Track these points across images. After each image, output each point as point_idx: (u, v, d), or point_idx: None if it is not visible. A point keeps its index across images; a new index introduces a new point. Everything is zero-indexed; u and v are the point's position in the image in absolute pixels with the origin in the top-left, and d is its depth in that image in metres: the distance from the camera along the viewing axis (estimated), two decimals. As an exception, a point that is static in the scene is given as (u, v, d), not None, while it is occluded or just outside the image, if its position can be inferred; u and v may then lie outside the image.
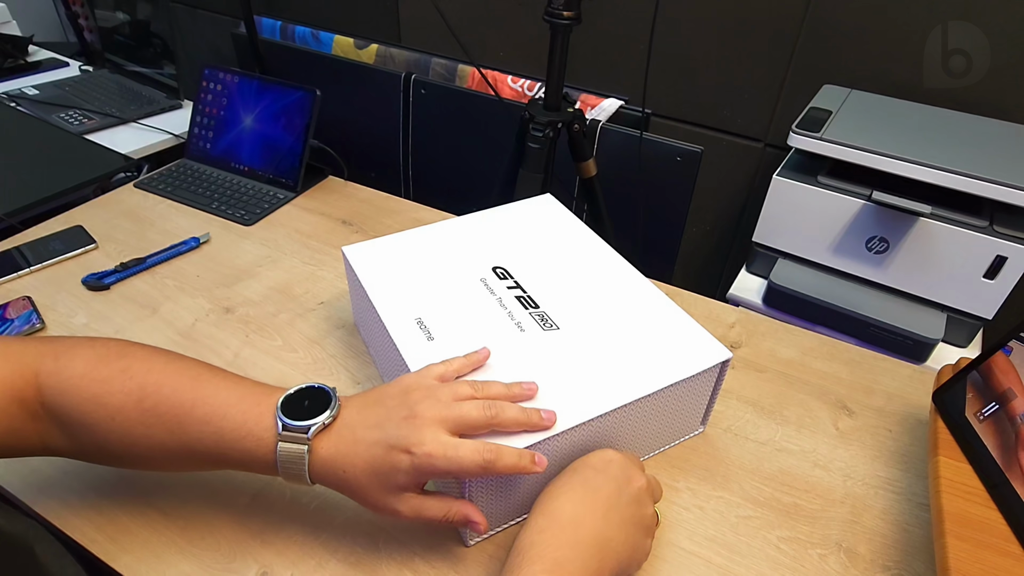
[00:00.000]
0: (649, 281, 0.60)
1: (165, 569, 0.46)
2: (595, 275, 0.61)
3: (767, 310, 1.11)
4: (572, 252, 0.64)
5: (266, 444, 0.41)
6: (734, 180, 1.39)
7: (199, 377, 0.43)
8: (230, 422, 0.41)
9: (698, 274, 1.57)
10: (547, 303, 0.57)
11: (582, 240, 0.66)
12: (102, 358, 0.43)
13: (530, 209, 0.71)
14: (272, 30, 1.57)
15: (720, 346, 0.53)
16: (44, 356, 0.42)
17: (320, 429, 0.41)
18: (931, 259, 0.99)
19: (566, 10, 0.83)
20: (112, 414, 0.41)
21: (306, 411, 0.42)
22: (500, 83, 1.29)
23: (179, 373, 0.43)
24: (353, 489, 0.42)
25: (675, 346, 0.53)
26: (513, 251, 0.64)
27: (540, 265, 0.62)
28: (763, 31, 1.21)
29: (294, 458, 0.41)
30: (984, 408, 0.50)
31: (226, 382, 0.44)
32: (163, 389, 0.42)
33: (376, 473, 0.41)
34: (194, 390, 0.42)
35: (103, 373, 0.42)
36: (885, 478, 0.56)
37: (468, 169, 1.35)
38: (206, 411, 0.42)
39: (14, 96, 1.37)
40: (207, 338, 0.67)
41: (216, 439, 0.41)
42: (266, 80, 0.99)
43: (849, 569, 0.48)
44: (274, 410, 0.42)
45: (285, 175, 0.98)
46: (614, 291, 0.59)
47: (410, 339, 0.52)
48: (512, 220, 0.68)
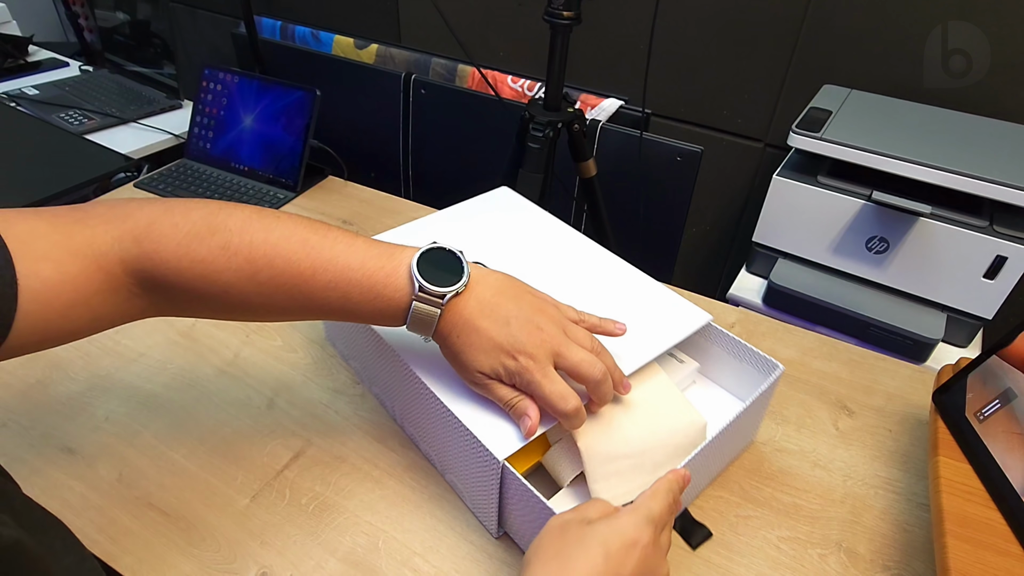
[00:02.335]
0: (618, 258, 0.62)
1: (166, 570, 0.46)
2: (567, 257, 0.62)
3: (767, 310, 1.11)
4: (539, 238, 0.65)
5: (397, 303, 0.44)
6: (734, 180, 1.39)
7: (307, 241, 0.43)
8: (356, 286, 0.43)
9: (698, 274, 1.57)
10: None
11: (546, 226, 0.67)
12: (193, 237, 0.41)
13: (490, 202, 0.71)
14: (272, 30, 1.57)
15: (699, 310, 0.56)
16: (121, 242, 0.40)
17: (453, 296, 0.44)
18: (931, 259, 0.99)
19: (566, 10, 0.83)
20: (226, 288, 0.41)
21: (438, 273, 0.44)
22: (500, 83, 1.29)
23: (286, 240, 0.42)
24: (456, 354, 0.45)
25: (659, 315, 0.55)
26: (482, 244, 0.63)
27: (512, 254, 0.62)
28: (763, 31, 1.21)
29: (426, 317, 0.44)
30: (984, 408, 0.50)
31: (340, 243, 0.44)
32: (275, 262, 0.42)
33: (483, 353, 0.44)
34: (310, 257, 0.42)
35: (201, 253, 0.41)
36: (885, 478, 0.56)
37: (468, 169, 1.35)
38: (328, 278, 0.42)
39: (14, 96, 1.37)
40: (207, 338, 0.67)
41: (343, 301, 0.43)
42: (266, 80, 0.99)
43: (849, 569, 0.48)
44: (407, 270, 0.44)
45: (285, 175, 0.98)
46: (588, 271, 0.60)
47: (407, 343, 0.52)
48: (475, 214, 0.68)
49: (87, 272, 0.38)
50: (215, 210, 0.43)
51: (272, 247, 0.42)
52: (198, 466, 0.54)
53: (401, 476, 0.54)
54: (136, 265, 0.40)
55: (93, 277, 0.39)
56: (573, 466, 0.48)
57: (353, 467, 0.54)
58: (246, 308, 0.43)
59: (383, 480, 0.53)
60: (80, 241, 0.39)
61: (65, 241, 0.38)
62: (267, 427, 0.57)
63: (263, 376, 0.62)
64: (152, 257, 0.40)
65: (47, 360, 0.63)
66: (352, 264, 0.43)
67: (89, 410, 0.58)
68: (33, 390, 0.60)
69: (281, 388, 0.61)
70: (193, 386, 0.61)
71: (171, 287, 0.41)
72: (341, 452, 0.55)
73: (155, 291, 0.41)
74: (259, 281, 0.42)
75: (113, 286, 0.40)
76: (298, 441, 0.56)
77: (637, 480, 0.47)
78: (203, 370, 0.63)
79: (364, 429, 0.58)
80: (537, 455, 0.49)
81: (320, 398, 0.60)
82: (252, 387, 0.61)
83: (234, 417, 0.58)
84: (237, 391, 0.61)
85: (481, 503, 0.49)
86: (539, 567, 0.36)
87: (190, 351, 0.65)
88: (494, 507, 0.47)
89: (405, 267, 0.44)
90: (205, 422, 0.57)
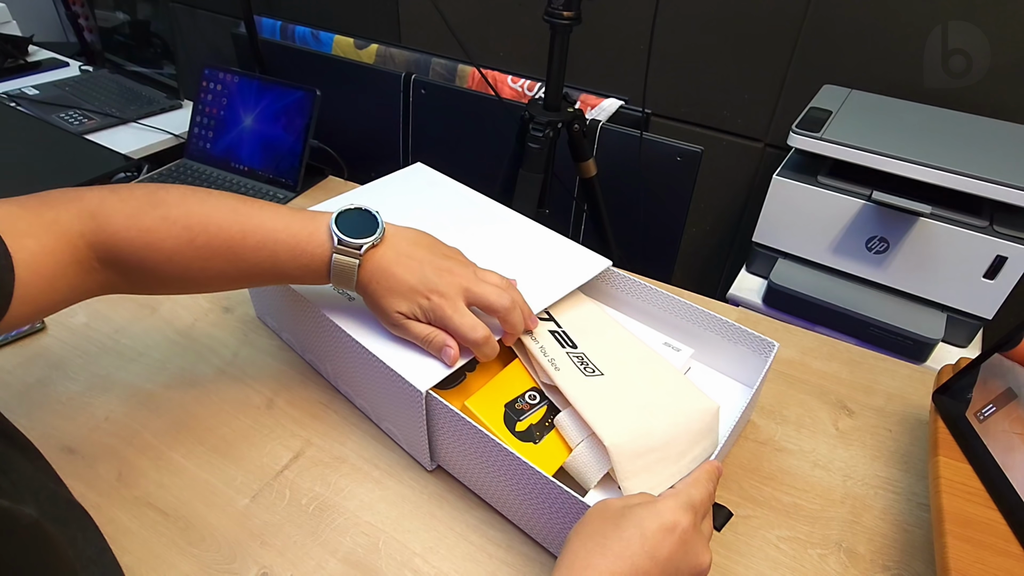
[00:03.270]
0: (528, 219, 0.67)
1: (166, 569, 0.46)
2: (480, 222, 0.66)
3: (767, 310, 1.11)
4: (454, 206, 0.69)
5: (319, 258, 0.48)
6: (734, 180, 1.39)
7: (237, 210, 0.48)
8: (283, 245, 0.48)
9: (698, 274, 1.57)
10: None
11: (462, 196, 0.71)
12: (138, 210, 0.45)
13: (405, 177, 0.74)
14: (272, 30, 1.57)
15: (600, 257, 0.61)
16: (80, 218, 0.44)
17: (370, 247, 0.48)
18: (931, 259, 0.99)
19: (566, 10, 0.83)
20: (169, 256, 0.46)
21: (356, 229, 0.48)
22: (500, 83, 1.29)
23: (216, 209, 0.47)
24: (376, 300, 0.49)
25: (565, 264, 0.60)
26: (399, 214, 0.65)
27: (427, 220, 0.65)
28: (763, 31, 1.21)
29: (346, 269, 0.48)
30: (984, 408, 0.50)
31: (267, 210, 0.49)
32: (209, 227, 0.46)
33: (399, 296, 0.49)
34: (238, 223, 0.47)
35: (145, 223, 0.45)
36: (885, 478, 0.56)
37: (468, 169, 1.35)
38: (257, 239, 0.47)
39: (14, 96, 1.37)
40: (207, 337, 0.67)
41: (272, 260, 0.48)
42: (266, 80, 0.99)
43: (849, 569, 0.48)
44: (327, 228, 0.48)
45: (285, 175, 0.98)
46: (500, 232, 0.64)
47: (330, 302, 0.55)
48: (391, 190, 0.71)
49: (59, 245, 0.42)
50: (155, 188, 0.48)
51: (206, 216, 0.47)
52: (197, 466, 0.54)
53: (401, 476, 0.54)
54: (93, 238, 0.44)
55: (64, 250, 0.43)
56: (600, 466, 0.47)
57: (353, 467, 0.54)
58: (188, 275, 0.47)
59: (383, 480, 0.53)
60: (49, 219, 0.43)
61: (37, 219, 0.42)
62: (267, 427, 0.57)
63: (262, 376, 0.62)
64: (105, 229, 0.44)
65: (47, 360, 0.63)
66: (278, 227, 0.48)
67: (89, 410, 0.58)
68: (33, 390, 0.60)
69: (280, 388, 0.61)
70: (193, 386, 0.61)
71: (123, 258, 0.45)
72: (341, 452, 0.55)
73: (110, 264, 0.45)
74: (197, 246, 0.46)
75: (78, 258, 0.44)
76: (298, 441, 0.56)
77: (665, 472, 0.47)
78: (203, 370, 0.63)
79: (364, 429, 0.57)
80: (560, 459, 0.49)
81: (320, 398, 0.60)
82: (251, 387, 0.61)
83: (234, 417, 0.58)
84: (236, 391, 0.61)
85: (414, 440, 0.53)
86: (579, 544, 0.37)
87: (189, 350, 0.65)
88: (424, 441, 0.51)
89: (325, 226, 0.48)
90: (205, 422, 0.57)
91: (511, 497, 0.48)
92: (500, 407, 0.50)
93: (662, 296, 0.61)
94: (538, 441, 0.49)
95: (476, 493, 0.52)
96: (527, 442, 0.48)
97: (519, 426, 0.49)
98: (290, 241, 0.48)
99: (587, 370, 0.52)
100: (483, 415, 0.49)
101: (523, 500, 0.47)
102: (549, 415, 0.51)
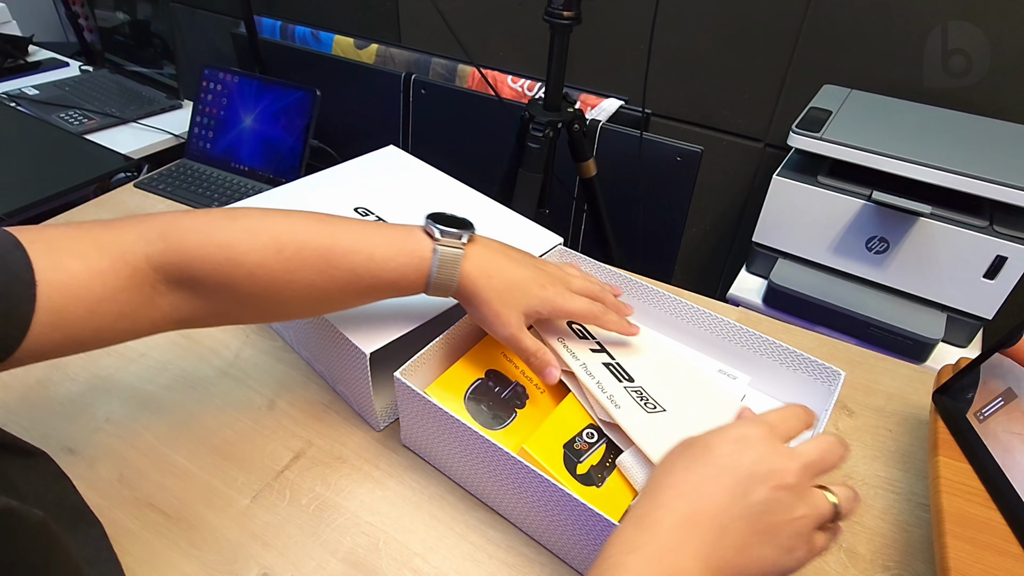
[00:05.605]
0: (488, 198, 0.70)
1: (167, 570, 0.46)
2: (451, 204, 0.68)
3: (767, 310, 1.11)
4: (420, 188, 0.71)
5: (419, 256, 0.45)
6: (734, 180, 1.39)
7: (322, 219, 0.46)
8: (379, 247, 0.45)
9: (698, 274, 1.57)
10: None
11: (429, 178, 0.73)
12: (214, 226, 0.42)
13: (377, 159, 0.76)
14: (272, 30, 1.57)
15: (552, 234, 0.64)
16: (146, 238, 0.41)
17: (471, 239, 0.47)
18: (931, 259, 0.99)
19: (566, 10, 0.83)
20: (251, 270, 0.42)
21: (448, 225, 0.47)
22: (500, 83, 1.29)
23: (304, 219, 0.45)
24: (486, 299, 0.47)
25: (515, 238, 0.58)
26: (371, 194, 0.68)
27: (396, 201, 0.68)
28: (763, 31, 1.21)
29: (450, 261, 0.46)
30: (984, 408, 0.50)
31: (350, 219, 0.47)
32: (297, 236, 0.44)
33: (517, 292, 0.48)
34: (327, 230, 0.45)
35: (224, 237, 0.42)
36: (885, 478, 0.56)
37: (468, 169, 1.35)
38: (349, 243, 0.44)
39: (14, 96, 1.37)
40: (207, 338, 0.67)
41: (367, 264, 0.45)
42: (266, 80, 0.99)
43: (849, 569, 0.48)
44: (421, 227, 0.47)
45: (285, 175, 0.98)
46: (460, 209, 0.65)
47: None
48: (362, 170, 0.73)
49: (115, 267, 0.39)
50: (230, 208, 0.46)
51: (293, 226, 0.44)
52: (199, 467, 0.54)
53: (401, 476, 0.54)
54: (162, 259, 0.41)
55: (120, 272, 0.39)
56: (646, 472, 0.47)
57: (353, 468, 0.54)
58: (271, 291, 0.44)
59: (383, 481, 0.53)
60: (106, 240, 0.40)
61: (91, 241, 0.39)
62: (268, 428, 0.57)
63: (264, 377, 0.62)
64: (177, 248, 0.41)
65: (47, 360, 0.63)
66: (369, 229, 0.46)
67: (89, 411, 0.58)
68: (33, 390, 0.60)
69: (282, 389, 0.61)
70: (194, 387, 0.61)
71: (199, 277, 0.42)
72: (341, 453, 0.55)
73: (181, 286, 0.42)
74: (285, 256, 0.43)
75: (137, 282, 0.40)
76: (298, 442, 0.56)
77: None
78: (204, 371, 0.63)
79: (364, 429, 0.58)
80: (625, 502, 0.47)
81: (320, 399, 0.60)
82: (253, 388, 0.61)
83: (235, 418, 0.58)
84: (238, 392, 0.61)
85: (363, 401, 0.56)
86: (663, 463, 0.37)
87: (191, 352, 0.65)
88: (370, 401, 0.54)
89: (418, 228, 0.47)
90: (206, 423, 0.57)
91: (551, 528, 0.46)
92: (559, 448, 0.48)
93: (718, 320, 0.59)
94: (600, 484, 0.46)
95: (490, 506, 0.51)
96: (589, 486, 0.46)
97: (579, 468, 0.47)
98: (385, 243, 0.45)
99: (648, 406, 0.50)
100: (543, 458, 0.47)
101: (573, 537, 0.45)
102: (609, 454, 0.49)
